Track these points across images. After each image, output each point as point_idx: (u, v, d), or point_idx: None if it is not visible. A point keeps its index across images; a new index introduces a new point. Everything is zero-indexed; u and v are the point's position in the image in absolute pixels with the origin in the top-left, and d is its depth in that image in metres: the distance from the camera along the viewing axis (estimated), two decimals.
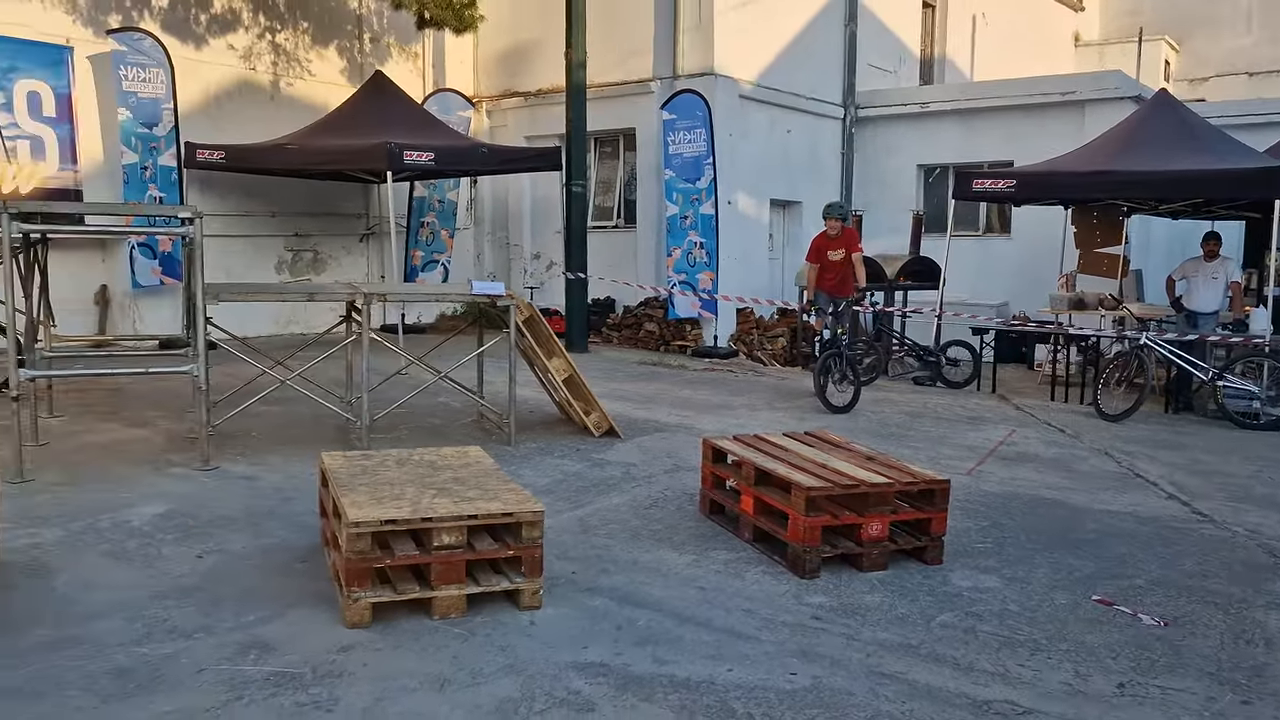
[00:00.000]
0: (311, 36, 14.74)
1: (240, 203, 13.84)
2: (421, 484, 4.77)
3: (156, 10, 12.92)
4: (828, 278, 10.15)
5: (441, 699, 3.60)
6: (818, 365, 9.90)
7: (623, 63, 14.71)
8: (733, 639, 4.23)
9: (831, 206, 10.21)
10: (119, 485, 6.31)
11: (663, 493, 6.57)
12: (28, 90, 11.66)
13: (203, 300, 6.78)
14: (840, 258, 10.04)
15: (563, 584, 4.78)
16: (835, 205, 10.26)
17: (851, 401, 9.70)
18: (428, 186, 15.44)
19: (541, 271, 16.49)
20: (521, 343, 8.02)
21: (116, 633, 4.08)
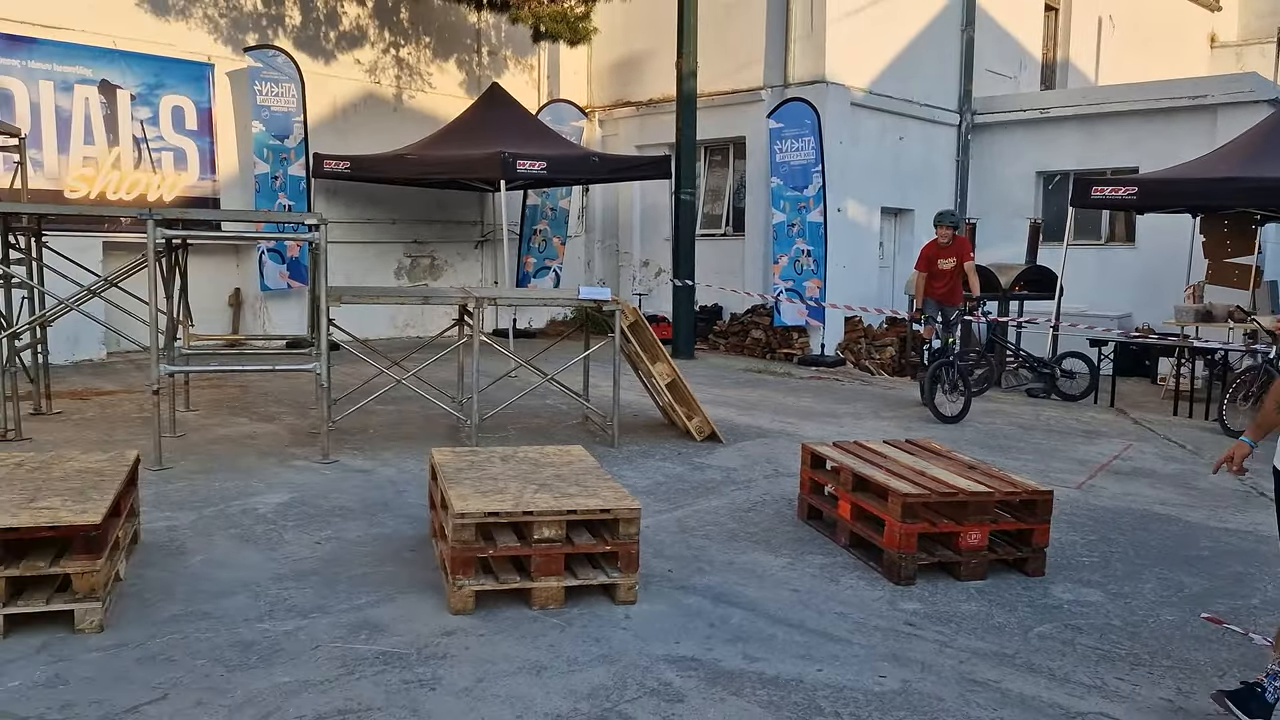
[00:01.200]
0: (433, 50, 15.29)
1: (363, 210, 14.44)
2: (524, 480, 4.95)
3: (290, 28, 13.62)
4: (937, 286, 10.02)
5: (538, 683, 3.75)
6: (927, 374, 9.78)
7: (733, 72, 14.80)
8: (824, 640, 4.27)
9: (943, 215, 10.07)
10: (247, 475, 6.71)
11: (761, 497, 6.62)
12: (172, 105, 12.45)
13: (326, 303, 7.16)
14: (951, 266, 9.90)
15: (658, 581, 4.89)
16: (947, 213, 10.13)
17: (961, 412, 9.55)
18: (540, 195, 15.81)
19: (650, 278, 16.69)
20: (626, 347, 8.18)
21: (242, 609, 4.37)
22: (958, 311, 9.92)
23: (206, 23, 12.80)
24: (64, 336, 10.45)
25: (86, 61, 11.67)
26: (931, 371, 9.72)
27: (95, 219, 11.19)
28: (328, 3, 14.03)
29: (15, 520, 4.02)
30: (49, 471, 4.79)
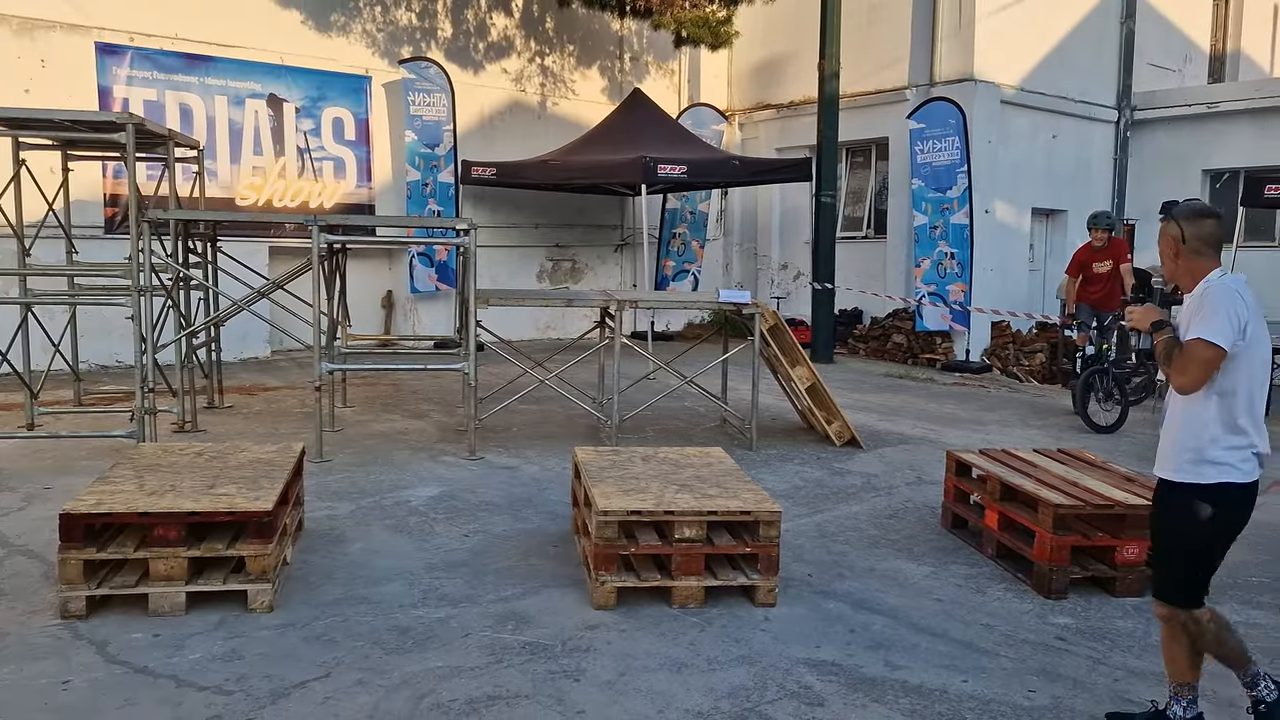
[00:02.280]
0: (576, 58, 15.61)
1: (508, 215, 14.86)
2: (665, 480, 5.03)
3: (441, 40, 14.15)
4: (1092, 291, 9.58)
5: (678, 680, 3.81)
6: (1080, 381, 9.39)
7: (876, 72, 14.56)
8: (969, 652, 4.18)
9: (1098, 217, 9.63)
10: (400, 469, 7.02)
11: (903, 504, 6.51)
12: (333, 116, 13.12)
13: (474, 305, 7.42)
14: (1107, 270, 9.46)
15: (798, 585, 4.88)
16: (1102, 215, 9.68)
17: (1117, 422, 9.12)
18: (680, 198, 15.92)
19: (788, 282, 16.58)
20: (765, 350, 8.17)
21: (397, 595, 4.59)
22: (1113, 316, 9.46)
23: (365, 37, 13.42)
24: (234, 335, 11.14)
25: (257, 77, 12.42)
26: (1085, 379, 9.32)
27: (263, 225, 11.90)
28: (477, 15, 14.52)
29: (197, 505, 4.34)
30: (225, 461, 5.14)
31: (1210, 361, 3.15)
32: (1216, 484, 3.21)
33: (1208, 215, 3.33)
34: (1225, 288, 3.22)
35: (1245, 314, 3.16)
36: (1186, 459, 3.24)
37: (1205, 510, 3.23)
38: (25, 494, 6.11)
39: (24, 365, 7.77)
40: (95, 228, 11.09)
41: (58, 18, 10.94)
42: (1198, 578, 3.32)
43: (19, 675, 3.68)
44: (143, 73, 11.56)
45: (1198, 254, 3.29)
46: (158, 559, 4.25)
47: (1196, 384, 3.19)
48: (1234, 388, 3.21)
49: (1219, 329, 3.12)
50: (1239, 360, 3.18)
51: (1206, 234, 3.29)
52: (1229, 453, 3.21)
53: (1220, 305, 3.16)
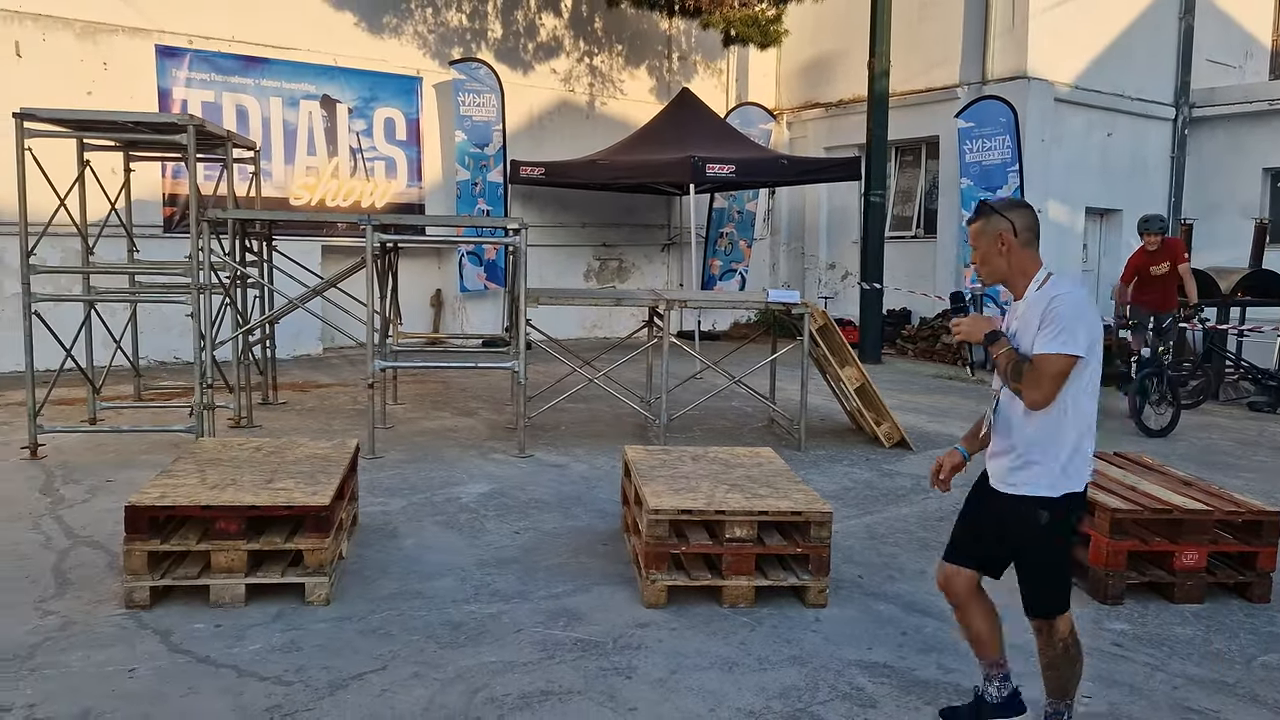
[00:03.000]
0: (624, 58, 15.66)
1: (556, 215, 14.94)
2: (716, 479, 5.03)
3: (491, 41, 14.27)
4: (1149, 294, 9.35)
5: (729, 679, 3.81)
6: (1133, 385, 9.22)
7: (927, 70, 14.42)
8: (1023, 656, 4.12)
9: (1149, 220, 9.31)
10: (451, 466, 7.10)
11: (954, 507, 6.39)
12: (385, 117, 13.29)
13: (524, 303, 7.48)
14: (1164, 272, 9.22)
15: (848, 586, 4.86)
16: (1154, 219, 9.33)
17: (1169, 425, 8.96)
18: (727, 198, 15.90)
19: (836, 281, 16.48)
20: (814, 351, 8.14)
21: (450, 591, 4.65)
22: (1171, 318, 9.25)
23: (416, 39, 13.58)
24: (287, 333, 11.34)
25: (310, 79, 12.62)
26: (1138, 382, 9.17)
27: (316, 224, 12.09)
28: (527, 15, 14.61)
29: (257, 499, 4.43)
30: (282, 456, 5.24)
31: (1063, 374, 3.02)
32: (1068, 494, 3.13)
33: (1027, 205, 3.24)
34: (1071, 294, 3.07)
35: (1091, 318, 3.05)
36: (1058, 472, 3.11)
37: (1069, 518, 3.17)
38: (89, 486, 6.27)
39: (87, 361, 7.97)
40: (154, 227, 11.34)
41: (120, 21, 11.21)
42: (1069, 582, 3.29)
43: (87, 662, 3.79)
44: (201, 75, 11.80)
45: (1028, 245, 3.17)
46: (219, 551, 4.35)
47: (1048, 400, 3.05)
48: (1084, 398, 3.11)
49: (1073, 339, 3.00)
50: (1088, 369, 3.08)
51: (1033, 223, 3.20)
52: (1080, 463, 3.14)
53: (1071, 313, 3.01)
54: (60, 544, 5.16)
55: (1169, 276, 9.22)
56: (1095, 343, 3.06)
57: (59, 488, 6.24)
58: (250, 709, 3.47)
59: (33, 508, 5.79)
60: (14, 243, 8.44)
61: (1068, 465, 3.10)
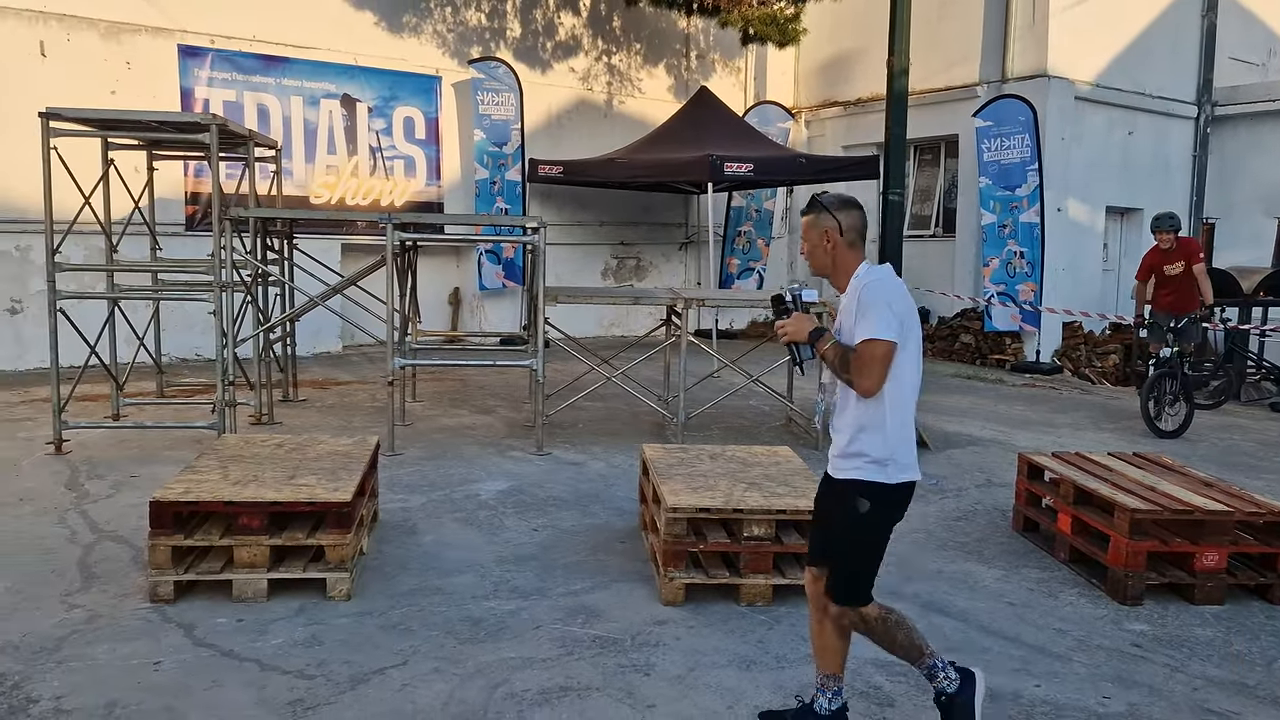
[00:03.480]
0: (642, 57, 15.66)
1: (573, 213, 14.97)
2: (733, 478, 5.05)
3: (510, 40, 14.31)
4: (1164, 295, 9.22)
5: (747, 677, 3.83)
6: (1146, 385, 9.15)
7: (946, 69, 14.36)
8: (1042, 656, 4.13)
9: (1160, 219, 9.14)
10: (469, 463, 7.14)
11: (973, 506, 6.44)
12: (404, 116, 13.35)
13: (543, 302, 7.51)
14: (1179, 272, 9.10)
15: None
16: (1164, 217, 9.15)
17: (1182, 426, 8.90)
18: (745, 196, 15.89)
19: None
20: None
21: (469, 587, 4.68)
22: (1189, 319, 9.10)
23: (435, 38, 13.63)
24: (307, 330, 11.40)
25: (331, 78, 12.69)
26: (1150, 382, 9.09)
27: (336, 222, 12.15)
28: (545, 14, 14.64)
29: (279, 495, 4.48)
30: (304, 453, 5.29)
31: (886, 357, 3.08)
32: (898, 483, 3.17)
33: (857, 206, 3.29)
34: (878, 281, 3.15)
35: (901, 305, 3.11)
36: (869, 460, 3.16)
37: (883, 508, 3.19)
38: (113, 482, 6.34)
39: (110, 358, 8.06)
40: (176, 225, 11.43)
41: (143, 21, 11.30)
42: (871, 576, 3.28)
43: (113, 655, 3.84)
44: (222, 74, 11.88)
45: (853, 245, 3.23)
46: (241, 546, 4.40)
47: (878, 384, 3.10)
48: (901, 384, 3.15)
49: (884, 323, 3.06)
50: (905, 353, 3.13)
51: (860, 224, 3.26)
52: (906, 450, 3.18)
53: (878, 299, 3.09)
54: (85, 538, 5.23)
55: (1185, 277, 9.08)
56: (909, 329, 3.13)
57: (84, 483, 6.31)
58: (273, 702, 3.52)
59: (58, 502, 5.86)
60: (40, 241, 8.54)
61: (896, 453, 3.15)
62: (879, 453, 3.14)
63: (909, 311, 3.14)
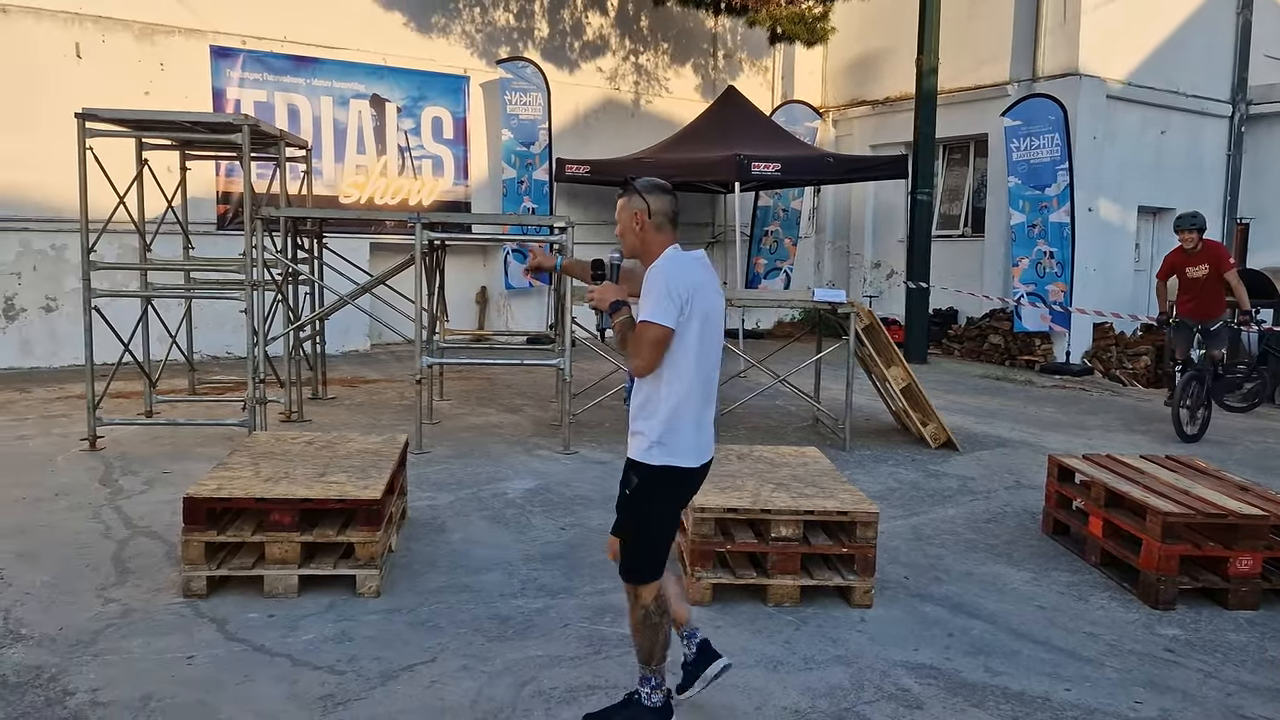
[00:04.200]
0: (670, 56, 15.66)
1: (600, 213, 14.97)
2: (761, 478, 5.04)
3: (538, 40, 14.35)
4: (1186, 300, 8.89)
5: (774, 677, 3.83)
6: (1177, 391, 8.91)
7: (976, 67, 14.26)
8: (1072, 660, 4.10)
9: (1182, 218, 8.90)
10: (496, 462, 7.17)
11: (1002, 508, 6.40)
12: (432, 116, 13.42)
13: (570, 302, 7.53)
14: (1203, 275, 8.77)
15: (894, 587, 4.85)
16: (1187, 217, 8.90)
17: (1200, 431, 8.72)
18: (772, 196, 15.85)
19: (881, 280, 16.36)
20: (860, 350, 8.10)
21: (497, 585, 4.70)
22: (1221, 321, 8.87)
23: (464, 38, 13.69)
24: (336, 329, 11.50)
25: (360, 78, 12.78)
26: (1180, 387, 8.83)
27: (364, 222, 12.24)
28: (573, 14, 14.67)
29: (310, 492, 4.52)
30: (334, 450, 5.33)
31: (658, 342, 3.12)
32: (662, 465, 3.20)
33: (668, 191, 3.33)
34: (669, 266, 3.19)
35: (686, 291, 3.12)
36: (644, 439, 3.22)
37: (668, 490, 3.25)
38: (146, 478, 6.42)
39: (144, 355, 8.16)
40: (208, 224, 11.56)
41: (176, 22, 11.43)
42: (658, 555, 3.31)
43: (147, 649, 3.89)
44: (254, 74, 12.00)
45: (660, 228, 3.28)
46: (273, 543, 4.44)
47: (649, 365, 3.16)
48: (679, 370, 3.17)
49: (661, 308, 3.09)
50: (686, 339, 3.15)
51: (667, 208, 3.29)
52: (681, 436, 3.20)
53: (660, 284, 3.13)
54: (120, 533, 5.30)
55: (1209, 282, 8.78)
56: (694, 316, 3.15)
57: (118, 479, 6.40)
58: (304, 697, 3.55)
59: (92, 498, 5.94)
60: (74, 240, 8.67)
61: (665, 437, 3.19)
62: (651, 434, 3.20)
63: (699, 301, 3.16)
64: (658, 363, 3.16)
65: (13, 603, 4.33)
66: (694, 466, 3.26)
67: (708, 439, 3.31)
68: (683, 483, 3.29)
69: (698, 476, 3.33)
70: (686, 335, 3.15)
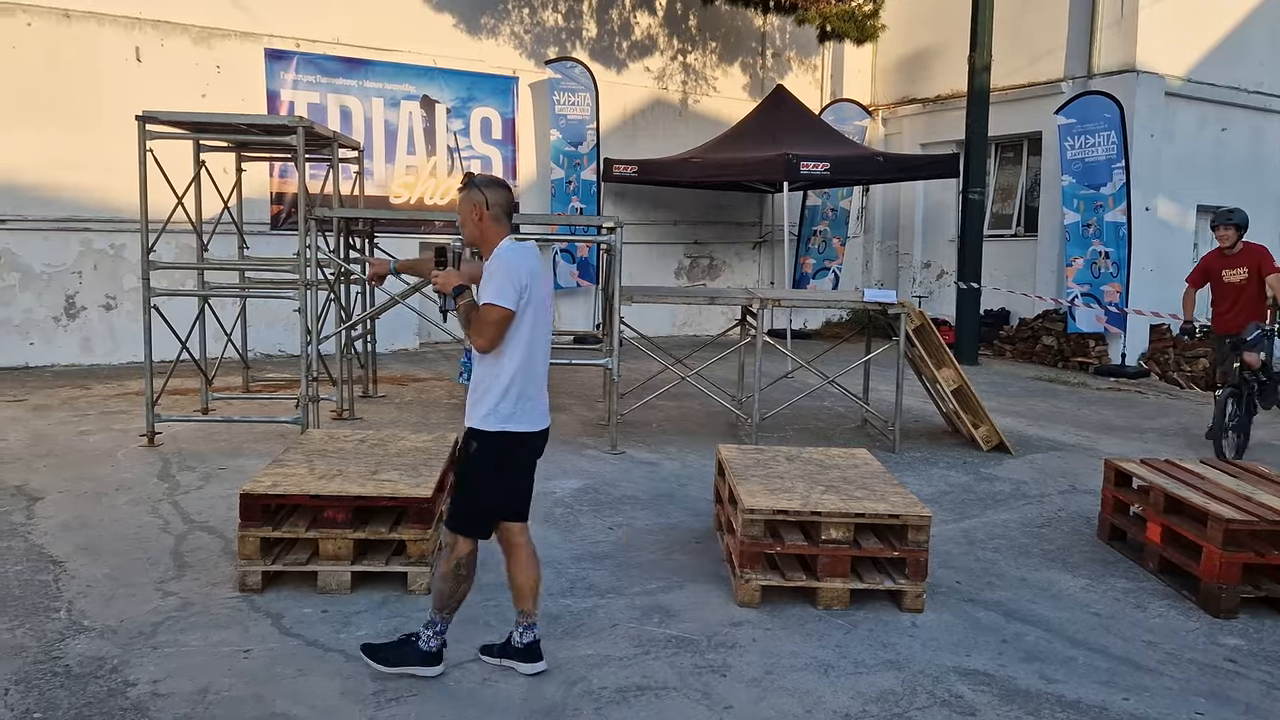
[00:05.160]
0: (718, 55, 15.62)
1: (647, 213, 15.00)
2: (811, 480, 5.01)
3: (586, 40, 14.39)
4: (1224, 309, 8.16)
5: (825, 681, 3.80)
6: (1215, 412, 7.95)
7: (1030, 64, 14.04)
8: (1130, 669, 4.02)
9: (1220, 214, 8.22)
10: (544, 461, 7.09)
11: (1056, 513, 6.29)
12: (481, 117, 13.52)
13: (619, 301, 7.54)
14: (1241, 279, 8.02)
15: (945, 591, 4.79)
16: (1224, 212, 8.19)
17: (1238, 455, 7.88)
18: (821, 195, 15.74)
19: (931, 280, 16.18)
20: (910, 351, 8.01)
21: (546, 584, 4.68)
22: (1259, 329, 7.84)
23: (513, 39, 13.77)
24: (385, 328, 11.61)
25: (411, 79, 12.91)
26: (1221, 403, 7.84)
27: (414, 221, 12.35)
28: (622, 14, 14.69)
29: (363, 490, 4.58)
30: (386, 448, 5.39)
31: (499, 323, 3.52)
32: (496, 431, 3.59)
33: (505, 186, 3.72)
34: (509, 253, 3.58)
35: (525, 278, 3.52)
36: (485, 411, 3.59)
37: (503, 454, 3.63)
38: (203, 473, 6.54)
39: (200, 353, 8.31)
40: (261, 224, 11.75)
41: (232, 26, 11.63)
42: (484, 512, 3.71)
43: (205, 642, 3.96)
44: (307, 76, 12.17)
45: (498, 220, 3.63)
46: (327, 539, 4.50)
47: (491, 344, 3.56)
48: (517, 347, 3.57)
49: (503, 292, 3.48)
50: (523, 320, 3.55)
51: (504, 202, 3.65)
52: (516, 405, 3.60)
53: (501, 269, 3.52)
54: (178, 528, 5.41)
55: (1248, 288, 7.99)
56: (530, 301, 3.55)
57: (175, 474, 6.53)
58: (357, 693, 3.59)
59: (151, 493, 6.07)
60: (134, 239, 8.87)
61: (502, 406, 3.59)
62: (489, 404, 3.60)
63: (535, 287, 3.56)
64: (499, 341, 3.57)
65: (76, 594, 4.43)
66: (528, 432, 3.67)
67: (542, 409, 3.73)
68: (517, 447, 3.68)
69: (531, 442, 3.72)
70: (524, 317, 3.56)
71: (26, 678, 3.63)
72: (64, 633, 4.03)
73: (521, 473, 3.80)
